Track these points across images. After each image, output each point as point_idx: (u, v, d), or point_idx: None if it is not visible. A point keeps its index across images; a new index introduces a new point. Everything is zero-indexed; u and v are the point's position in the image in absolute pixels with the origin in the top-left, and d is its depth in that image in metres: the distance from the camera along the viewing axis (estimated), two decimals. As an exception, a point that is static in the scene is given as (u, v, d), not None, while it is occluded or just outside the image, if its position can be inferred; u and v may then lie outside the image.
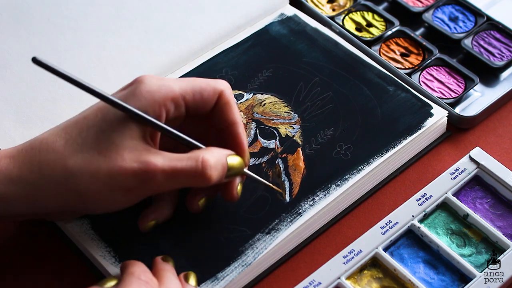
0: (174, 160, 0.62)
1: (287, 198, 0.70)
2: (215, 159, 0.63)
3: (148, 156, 0.61)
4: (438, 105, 0.77)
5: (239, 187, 0.67)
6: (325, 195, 0.70)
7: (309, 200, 0.70)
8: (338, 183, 0.71)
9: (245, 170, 0.68)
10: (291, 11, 0.85)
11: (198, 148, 0.65)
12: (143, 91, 0.63)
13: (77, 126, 0.63)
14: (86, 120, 0.63)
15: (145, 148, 0.62)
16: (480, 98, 0.80)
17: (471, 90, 0.81)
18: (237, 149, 0.67)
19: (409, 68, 0.82)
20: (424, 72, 0.82)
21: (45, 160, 0.62)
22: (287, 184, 0.71)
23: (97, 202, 0.63)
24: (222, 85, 0.66)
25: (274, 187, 0.71)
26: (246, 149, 0.67)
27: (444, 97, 0.79)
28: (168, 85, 0.64)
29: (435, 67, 0.82)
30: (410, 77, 0.80)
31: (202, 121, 0.68)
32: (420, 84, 0.80)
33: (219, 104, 0.66)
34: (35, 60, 0.58)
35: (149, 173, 0.61)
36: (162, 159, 0.62)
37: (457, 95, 0.80)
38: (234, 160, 0.65)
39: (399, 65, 0.82)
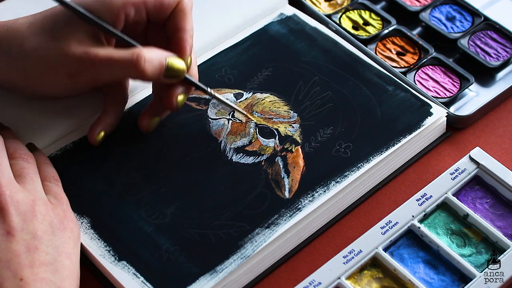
0: (113, 51, 0.66)
1: (286, 194, 0.68)
2: (152, 55, 0.66)
3: (91, 47, 0.66)
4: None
5: (180, 97, 0.70)
6: (324, 191, 0.69)
7: (309, 196, 0.68)
8: (338, 179, 0.69)
9: (187, 76, 0.69)
10: (290, 10, 0.84)
11: (135, 46, 0.68)
12: None
13: (45, 13, 0.68)
14: (54, 10, 0.68)
15: (93, 42, 0.67)
16: (475, 98, 0.78)
17: (466, 90, 0.79)
18: (179, 54, 0.69)
19: (404, 67, 0.80)
20: (419, 71, 0.80)
21: (7, 37, 0.67)
22: (286, 181, 0.69)
23: (43, 85, 0.69)
24: None
25: (237, 108, 0.73)
26: (187, 55, 0.69)
27: (439, 96, 0.77)
28: None
29: (430, 66, 0.80)
30: (405, 76, 0.79)
31: (164, 30, 0.71)
32: (415, 83, 0.78)
33: (175, 10, 0.69)
34: None
35: (88, 60, 0.66)
36: (103, 50, 0.66)
37: (452, 95, 0.78)
38: (175, 61, 0.68)
39: (394, 64, 0.80)
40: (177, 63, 0.68)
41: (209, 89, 0.71)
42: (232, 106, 0.72)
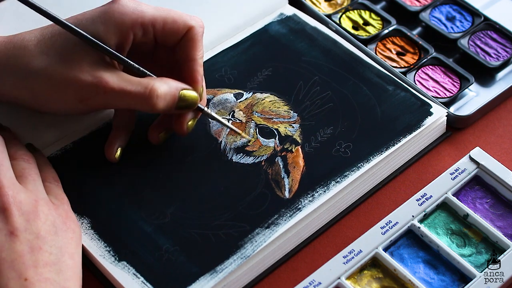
0: (126, 81, 0.64)
1: (286, 194, 0.68)
2: (166, 89, 0.65)
3: (103, 73, 0.64)
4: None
5: (190, 122, 0.69)
6: (324, 191, 0.68)
7: (309, 196, 0.68)
8: (338, 179, 0.69)
9: (200, 105, 0.69)
10: (290, 10, 0.83)
11: (147, 75, 0.66)
12: (115, 12, 0.65)
13: (54, 31, 0.65)
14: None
15: (104, 66, 0.64)
16: (475, 98, 0.78)
17: (466, 90, 0.78)
18: (192, 85, 0.67)
19: (404, 67, 0.79)
20: (419, 71, 0.79)
21: (14, 55, 0.65)
22: (286, 181, 0.69)
23: (52, 104, 0.66)
24: (195, 22, 0.67)
25: (233, 127, 0.71)
26: (200, 86, 0.68)
27: (439, 96, 0.77)
28: (141, 10, 0.65)
29: (430, 66, 0.80)
30: (405, 76, 0.78)
31: (173, 54, 0.69)
32: (415, 83, 0.78)
33: (185, 38, 0.67)
34: None
35: (99, 88, 0.63)
36: (116, 79, 0.64)
37: (452, 95, 0.77)
38: (188, 93, 0.66)
39: (394, 64, 0.80)
40: (191, 94, 0.66)
41: (222, 119, 0.71)
42: (238, 132, 0.72)
